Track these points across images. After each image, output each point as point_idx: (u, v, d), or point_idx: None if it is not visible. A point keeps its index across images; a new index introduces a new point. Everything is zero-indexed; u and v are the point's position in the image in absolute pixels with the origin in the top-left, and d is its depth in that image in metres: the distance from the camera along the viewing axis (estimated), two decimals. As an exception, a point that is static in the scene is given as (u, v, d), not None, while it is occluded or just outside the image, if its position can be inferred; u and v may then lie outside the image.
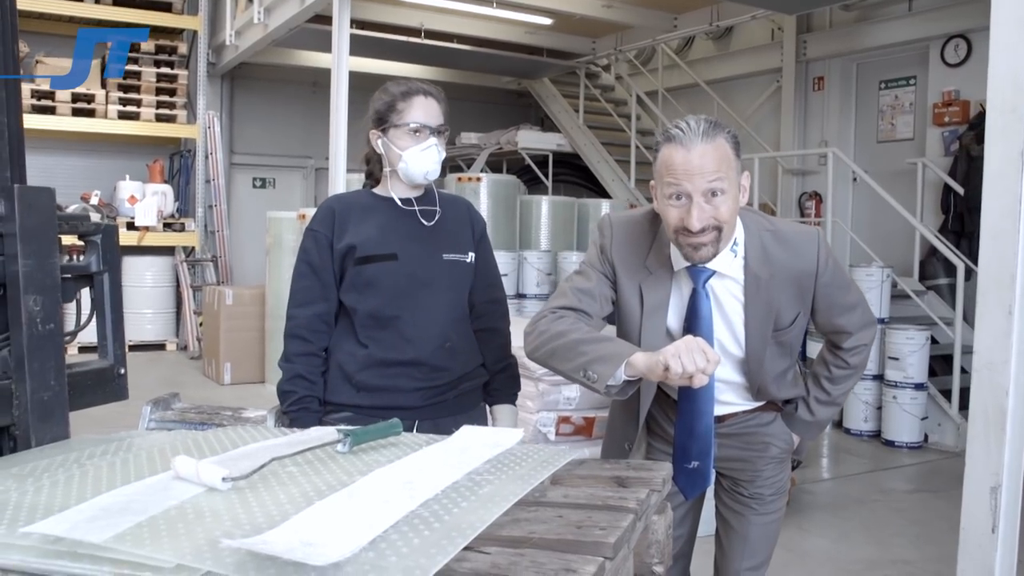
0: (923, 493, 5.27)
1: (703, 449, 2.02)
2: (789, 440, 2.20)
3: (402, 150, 2.23)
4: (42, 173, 10.61)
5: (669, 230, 1.87)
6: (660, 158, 1.86)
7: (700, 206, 1.80)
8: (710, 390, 1.95)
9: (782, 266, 1.95)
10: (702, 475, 2.05)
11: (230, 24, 9.99)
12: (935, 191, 8.12)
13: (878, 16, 8.77)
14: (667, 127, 1.87)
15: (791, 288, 1.97)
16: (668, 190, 1.83)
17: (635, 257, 2.00)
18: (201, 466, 1.39)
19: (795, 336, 2.04)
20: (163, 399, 2.44)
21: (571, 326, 1.94)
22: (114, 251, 2.16)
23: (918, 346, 6.34)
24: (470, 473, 1.46)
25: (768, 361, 2.01)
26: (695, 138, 1.80)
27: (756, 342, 1.98)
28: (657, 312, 1.98)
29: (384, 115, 2.25)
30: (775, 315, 1.96)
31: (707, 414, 2.00)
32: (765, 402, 2.15)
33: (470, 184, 8.28)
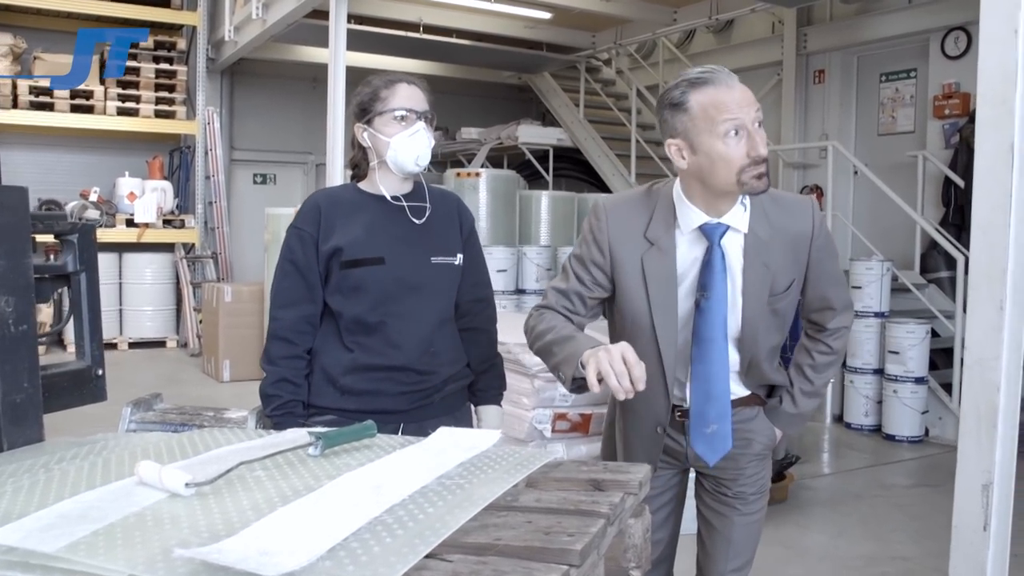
0: (923, 488, 5.23)
1: (721, 412, 1.99)
2: (771, 436, 2.16)
3: (389, 137, 2.18)
4: (41, 170, 10.62)
5: (732, 171, 1.84)
6: (701, 105, 1.84)
7: (759, 132, 1.83)
8: (722, 351, 1.94)
9: (780, 228, 1.97)
10: (722, 438, 2.00)
11: (229, 20, 9.96)
12: (936, 184, 8.07)
13: (878, 8, 8.72)
14: (690, 76, 1.86)
15: (787, 252, 1.98)
16: (725, 127, 1.81)
17: (634, 231, 1.99)
18: (164, 471, 1.36)
19: (788, 305, 2.03)
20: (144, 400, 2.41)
21: (548, 325, 1.98)
22: (91, 250, 2.14)
23: (918, 340, 6.31)
24: (441, 477, 1.43)
25: (763, 330, 2.00)
26: (730, 77, 1.85)
27: (753, 305, 1.97)
28: (666, 282, 1.96)
29: (368, 105, 2.20)
30: (772, 278, 1.96)
31: (723, 376, 1.97)
32: (750, 393, 2.12)
33: (469, 179, 8.26)
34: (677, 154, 1.90)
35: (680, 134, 1.88)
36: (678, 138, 1.88)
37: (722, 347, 1.94)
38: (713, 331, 1.94)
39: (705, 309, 1.92)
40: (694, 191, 1.94)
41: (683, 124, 1.86)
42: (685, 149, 1.88)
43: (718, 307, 1.93)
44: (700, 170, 1.88)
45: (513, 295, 7.73)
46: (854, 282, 6.72)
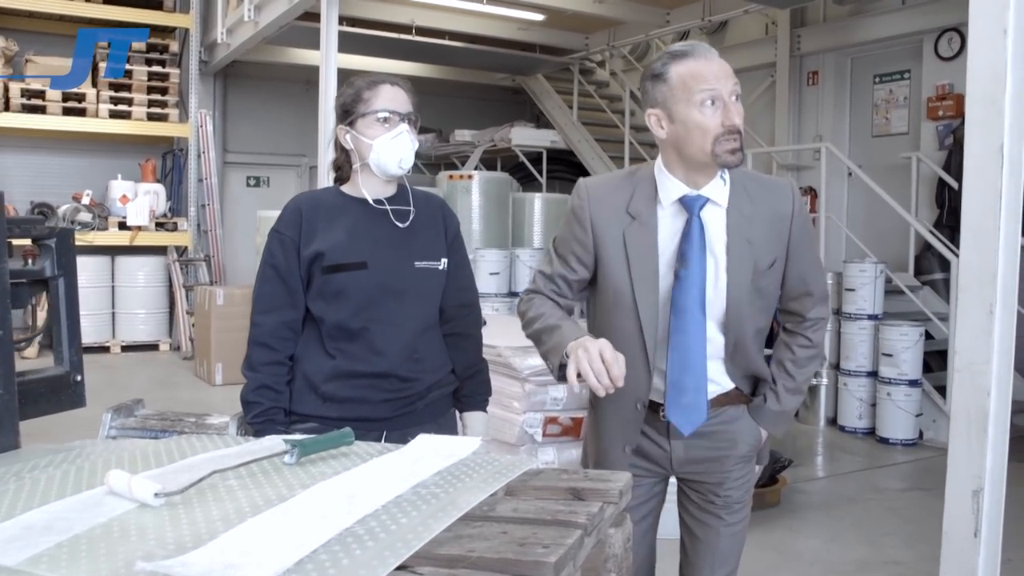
0: (917, 491, 5.21)
1: (697, 383, 1.98)
2: (756, 437, 2.13)
3: (372, 139, 2.15)
4: (33, 173, 10.59)
5: (707, 142, 1.88)
6: (680, 75, 1.88)
7: (736, 105, 1.88)
8: (699, 322, 1.95)
9: (761, 205, 2.01)
10: (698, 409, 1.99)
11: (221, 22, 9.92)
12: (930, 186, 8.06)
13: (872, 10, 8.71)
14: (672, 49, 1.93)
15: (770, 229, 2.00)
16: (702, 96, 1.86)
17: (615, 206, 2.01)
18: (134, 481, 1.34)
19: (772, 285, 2.04)
20: (126, 406, 2.38)
21: (537, 312, 2.04)
22: (70, 255, 2.11)
23: (912, 342, 6.29)
24: (417, 486, 1.40)
25: (747, 309, 2.00)
26: (708, 51, 1.91)
27: (737, 282, 1.98)
28: (647, 256, 1.98)
29: (350, 107, 2.17)
30: (755, 255, 1.98)
31: (700, 347, 1.97)
32: (734, 388, 2.09)
33: (462, 182, 8.25)
34: (656, 124, 1.95)
35: (659, 104, 1.93)
36: (657, 108, 1.94)
37: (699, 318, 1.95)
38: (690, 301, 1.95)
39: (683, 278, 1.94)
40: (673, 163, 1.98)
41: (662, 94, 1.91)
42: (663, 119, 1.93)
43: (695, 277, 1.94)
44: (677, 139, 1.92)
45: (506, 298, 7.71)
46: (848, 284, 6.70)
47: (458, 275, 2.31)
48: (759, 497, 4.68)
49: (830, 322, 6.78)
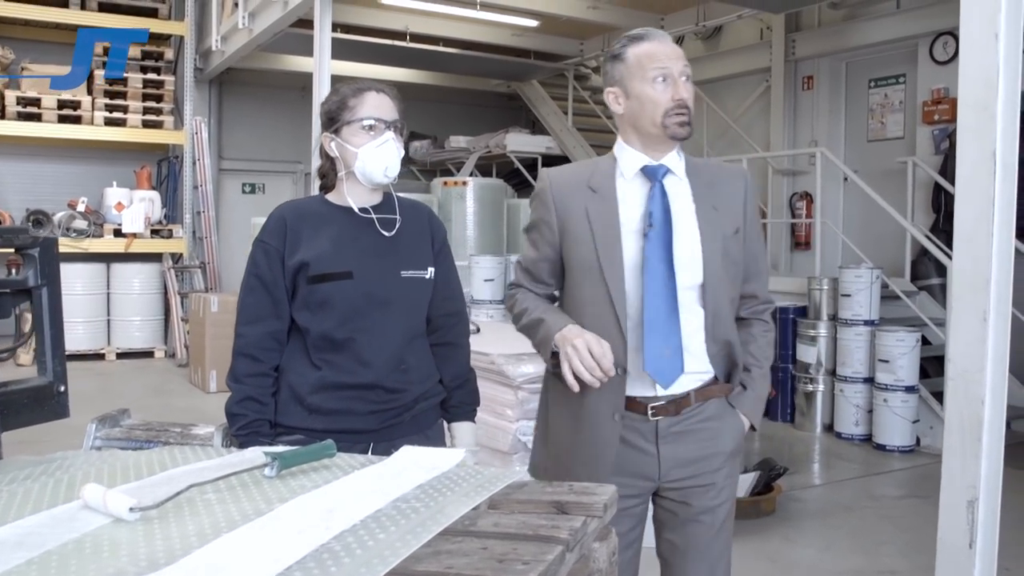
0: (914, 499, 5.18)
1: (671, 337, 2.03)
2: (739, 429, 2.17)
3: (357, 147, 2.13)
4: (29, 180, 10.57)
5: (658, 115, 2.03)
6: (636, 55, 2.05)
7: (685, 84, 2.04)
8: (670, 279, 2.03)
9: (717, 180, 2.16)
10: (674, 361, 2.04)
11: (216, 29, 9.91)
12: (926, 190, 8.05)
13: (866, 14, 8.71)
14: (631, 34, 2.09)
15: (729, 200, 2.14)
16: (654, 74, 2.02)
17: (576, 184, 2.13)
18: (109, 495, 1.31)
19: (738, 253, 2.13)
20: (111, 415, 2.35)
21: (522, 307, 2.16)
22: (53, 265, 2.09)
23: (908, 348, 6.26)
24: (397, 500, 1.38)
25: (721, 275, 2.08)
26: (662, 35, 2.09)
27: (711, 246, 2.07)
28: (610, 224, 2.07)
29: (335, 115, 2.15)
30: (721, 220, 2.10)
31: (672, 303, 2.03)
32: (712, 378, 2.13)
33: (457, 188, 8.24)
34: (614, 101, 2.10)
35: (617, 82, 2.09)
36: (615, 86, 2.09)
37: (668, 276, 2.03)
38: (658, 259, 2.03)
39: (651, 238, 2.03)
40: (630, 137, 2.12)
41: (620, 73, 2.07)
42: (620, 96, 2.09)
43: (662, 236, 2.04)
44: (632, 114, 2.08)
45: (501, 304, 7.68)
46: (843, 290, 6.68)
47: (445, 284, 2.29)
48: (754, 505, 4.67)
49: (826, 328, 6.86)
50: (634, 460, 2.10)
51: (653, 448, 2.09)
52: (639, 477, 2.11)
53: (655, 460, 2.09)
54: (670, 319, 2.02)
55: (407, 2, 9.40)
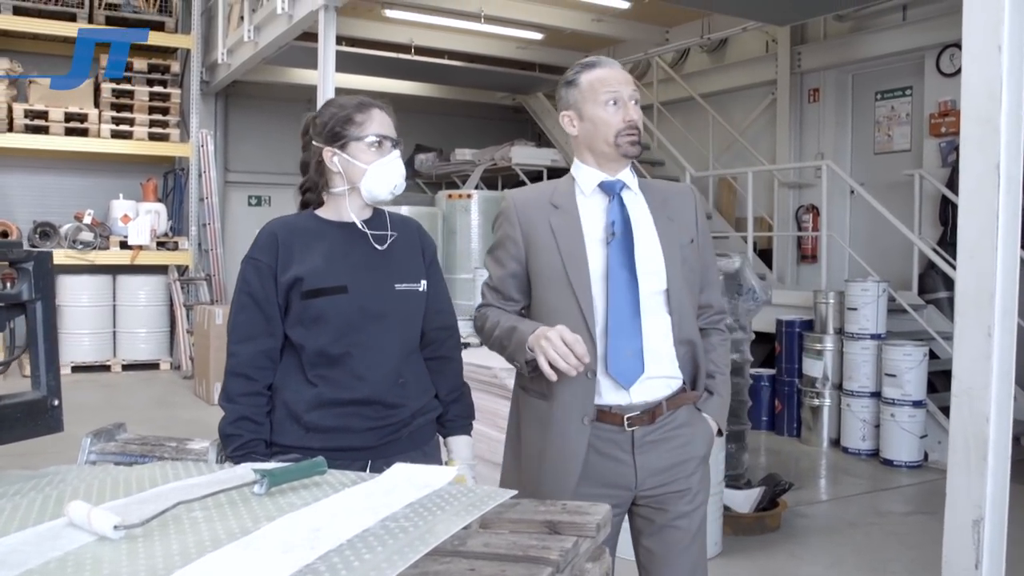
0: (921, 515, 5.12)
1: (633, 340, 2.10)
2: (709, 434, 2.24)
3: (366, 164, 2.11)
4: (36, 192, 10.60)
5: (611, 135, 2.15)
6: (589, 81, 2.17)
7: (634, 107, 2.17)
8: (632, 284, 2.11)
9: (669, 195, 2.28)
10: (638, 363, 2.11)
11: (222, 42, 9.94)
12: (933, 203, 8.01)
13: (872, 26, 8.68)
14: (584, 61, 2.22)
15: (681, 212, 2.26)
16: (606, 98, 2.15)
17: (539, 202, 2.22)
18: (93, 512, 1.30)
19: (696, 263, 2.24)
20: (106, 430, 2.34)
21: (492, 322, 2.19)
22: (48, 278, 2.07)
23: (916, 362, 6.21)
24: (386, 519, 1.36)
25: (683, 281, 2.19)
26: (613, 63, 2.22)
27: (671, 253, 2.18)
28: (574, 235, 2.16)
29: (340, 130, 2.13)
30: (678, 230, 2.22)
31: (634, 306, 2.11)
32: (680, 387, 2.20)
33: (461, 201, 8.23)
34: (568, 123, 2.22)
35: (572, 106, 2.20)
36: (570, 109, 2.21)
37: (631, 282, 2.11)
38: (620, 266, 2.11)
39: (614, 246, 2.12)
40: (586, 156, 2.23)
41: (574, 97, 2.19)
42: (575, 118, 2.20)
43: (624, 243, 2.12)
44: (587, 135, 2.19)
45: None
46: (850, 303, 6.63)
47: (436, 298, 2.28)
48: (759, 521, 4.63)
49: (832, 341, 6.82)
50: (611, 471, 2.14)
51: (629, 458, 2.14)
52: (617, 487, 2.15)
53: (631, 469, 2.14)
54: (632, 323, 2.11)
55: (411, 15, 9.42)
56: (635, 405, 2.13)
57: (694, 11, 9.27)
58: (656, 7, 8.99)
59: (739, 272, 5.26)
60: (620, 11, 9.45)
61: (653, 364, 2.13)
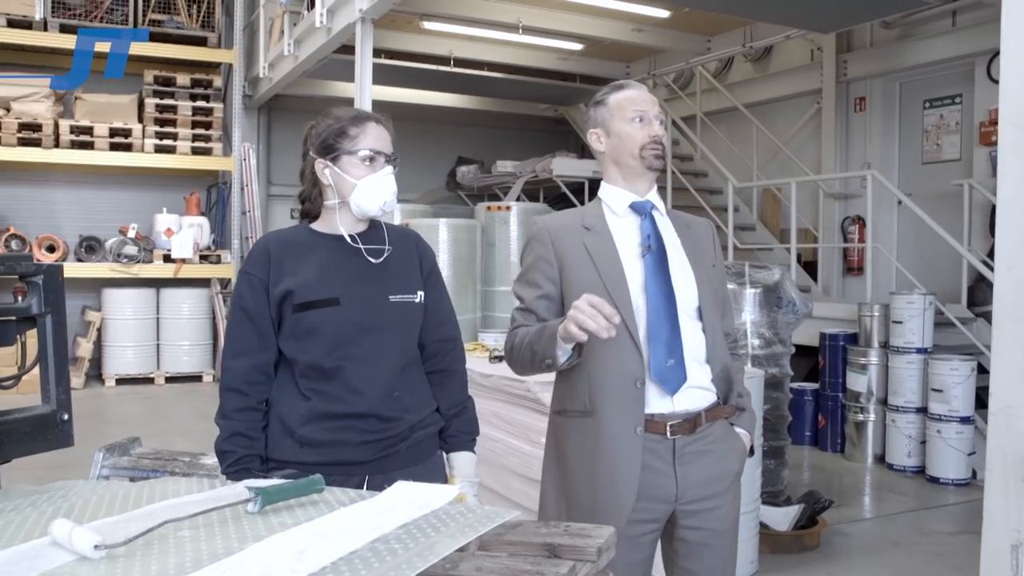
0: (967, 535, 4.95)
1: (674, 348, 2.13)
2: (742, 448, 2.27)
3: (357, 179, 2.08)
4: (81, 207, 10.76)
5: (635, 148, 2.22)
6: (616, 100, 2.27)
7: (659, 125, 2.25)
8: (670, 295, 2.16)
9: (690, 224, 2.36)
10: (681, 370, 2.14)
11: (263, 56, 10.03)
12: (983, 213, 7.79)
13: (921, 33, 8.50)
14: (613, 84, 2.34)
15: (703, 241, 2.34)
16: (632, 115, 2.23)
17: (570, 226, 2.27)
18: (75, 531, 1.26)
19: (720, 287, 2.34)
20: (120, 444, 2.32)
21: (521, 336, 2.19)
22: (58, 292, 2.06)
23: (963, 377, 6.03)
24: (376, 540, 1.31)
25: (713, 299, 2.25)
26: (640, 86, 2.33)
27: (701, 272, 2.25)
28: (610, 254, 2.20)
29: (333, 142, 2.09)
30: (704, 254, 2.30)
31: (674, 316, 2.15)
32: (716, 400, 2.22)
33: (500, 213, 8.17)
34: (596, 140, 2.30)
35: (600, 124, 2.29)
36: (598, 127, 2.29)
37: (669, 293, 2.16)
38: (658, 279, 2.16)
39: (650, 260, 2.18)
40: (613, 174, 2.29)
41: (602, 115, 2.28)
42: (603, 135, 2.28)
43: (659, 257, 2.18)
44: (613, 149, 2.26)
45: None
46: (895, 316, 6.46)
47: (437, 310, 2.23)
48: (797, 540, 4.51)
49: (877, 355, 6.65)
50: (653, 483, 2.12)
51: (670, 469, 2.13)
52: (658, 500, 2.14)
53: (672, 481, 2.14)
54: (673, 331, 2.14)
55: (450, 27, 9.42)
56: (677, 414, 2.14)
57: (736, 19, 9.17)
58: (697, 16, 8.90)
59: (779, 284, 5.15)
60: (660, 20, 9.35)
61: (692, 373, 2.16)
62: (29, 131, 9.74)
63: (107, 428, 7.20)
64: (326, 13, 7.47)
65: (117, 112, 10.20)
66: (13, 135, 9.67)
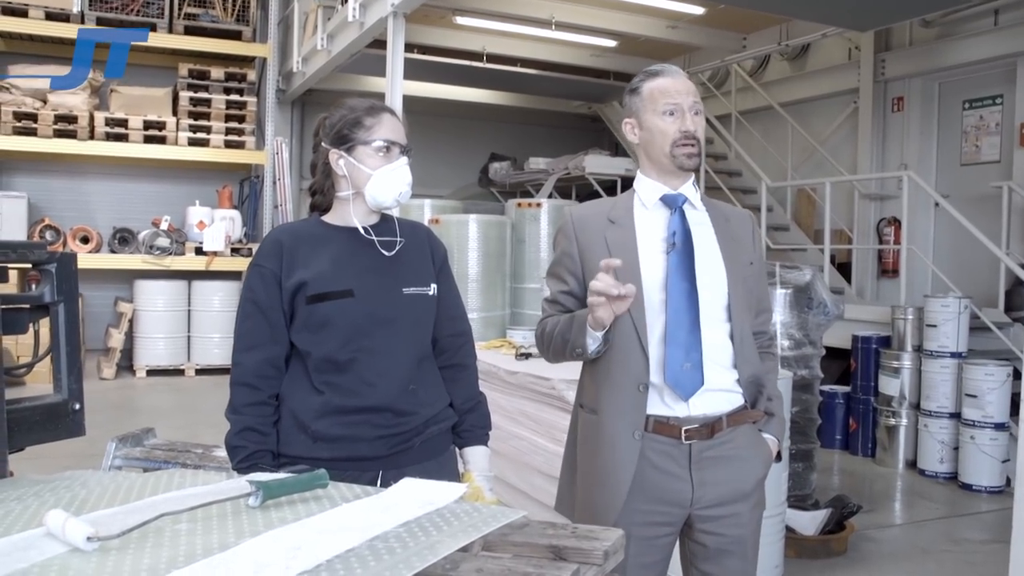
0: (999, 544, 4.82)
1: (692, 351, 2.07)
2: (768, 457, 2.21)
3: (373, 169, 2.05)
4: (116, 199, 10.86)
5: (667, 145, 2.12)
6: (650, 89, 2.15)
7: (692, 116, 2.12)
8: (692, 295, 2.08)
9: (730, 218, 2.26)
10: (698, 374, 2.07)
11: (297, 51, 10.04)
12: (1022, 217, 7.64)
13: (961, 32, 8.34)
14: (649, 70, 2.20)
15: (742, 235, 2.25)
16: (664, 108, 2.12)
17: (596, 217, 2.22)
18: (68, 523, 1.24)
19: (755, 285, 2.23)
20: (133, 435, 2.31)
21: (551, 328, 2.17)
22: (71, 281, 2.04)
23: (999, 383, 5.90)
24: (375, 538, 1.27)
25: (744, 299, 2.16)
26: (676, 71, 2.18)
27: (734, 269, 2.15)
28: (627, 248, 2.13)
29: (348, 132, 2.07)
30: (741, 251, 2.20)
31: (694, 317, 2.08)
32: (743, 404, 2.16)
33: (530, 210, 8.11)
34: (630, 131, 2.21)
35: (634, 114, 2.19)
36: (632, 117, 2.20)
37: (692, 293, 2.08)
38: (680, 277, 2.09)
39: (674, 256, 2.10)
40: (646, 166, 2.21)
41: (636, 105, 2.18)
42: (636, 126, 2.19)
43: (684, 255, 2.10)
44: (645, 143, 2.18)
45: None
46: (929, 320, 6.34)
47: (449, 304, 2.20)
48: (823, 545, 4.43)
49: (910, 359, 6.53)
50: (666, 486, 2.09)
51: (686, 473, 2.09)
52: (671, 504, 2.10)
53: (688, 485, 2.09)
54: (692, 333, 2.07)
55: (482, 22, 9.39)
56: (694, 418, 2.08)
57: (772, 17, 9.05)
58: (733, 13, 8.81)
59: (809, 285, 5.06)
60: (695, 17, 9.27)
61: (713, 376, 2.09)
62: (65, 123, 9.83)
63: (135, 419, 7.23)
64: (359, 7, 7.46)
65: (151, 105, 10.28)
66: (49, 127, 9.76)
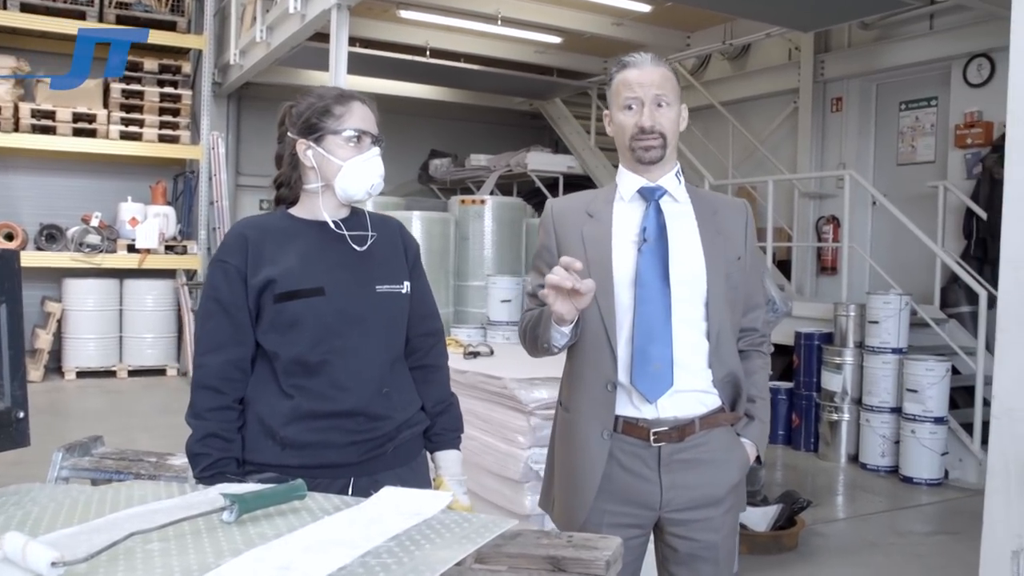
0: (942, 535, 4.93)
1: (663, 352, 2.02)
2: (744, 458, 2.14)
3: (343, 160, 1.96)
4: (42, 194, 10.48)
5: (625, 139, 2.09)
6: (617, 82, 2.11)
7: (650, 110, 2.05)
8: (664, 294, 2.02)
9: (721, 208, 2.19)
10: (664, 376, 2.02)
11: (234, 43, 9.81)
12: (957, 215, 7.81)
13: (898, 35, 8.49)
14: (621, 60, 2.14)
15: (732, 227, 2.16)
16: (623, 101, 2.08)
17: (576, 210, 2.18)
18: (30, 546, 1.14)
19: (739, 282, 2.12)
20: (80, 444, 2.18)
21: (527, 320, 2.14)
22: (13, 279, 1.91)
23: (938, 378, 6.02)
24: (367, 554, 1.20)
25: (724, 297, 2.08)
26: (644, 61, 2.10)
27: (715, 267, 2.08)
28: (601, 243, 2.09)
29: (317, 122, 1.97)
30: (726, 246, 2.12)
31: (665, 316, 2.02)
32: (719, 406, 2.10)
33: (474, 207, 8.06)
34: (608, 123, 2.18)
35: (609, 106, 2.17)
36: (608, 110, 2.18)
37: (663, 289, 2.03)
38: (652, 274, 2.03)
39: (645, 252, 2.03)
40: (622, 159, 2.17)
41: (608, 98, 2.16)
42: (610, 120, 2.17)
43: (657, 251, 2.04)
44: (615, 137, 2.16)
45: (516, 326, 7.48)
46: (871, 316, 6.44)
47: (421, 302, 2.13)
48: (775, 540, 4.45)
49: (852, 355, 6.63)
50: (634, 487, 2.05)
51: (655, 475, 2.04)
52: (640, 506, 2.06)
53: (657, 488, 2.05)
54: (662, 332, 2.01)
55: (427, 16, 9.28)
56: (663, 420, 2.03)
57: (716, 16, 9.11)
58: (678, 11, 8.84)
59: (758, 283, 5.08)
60: (641, 15, 9.29)
61: (684, 378, 2.03)
62: (-13, 114, 9.47)
63: (67, 424, 7.01)
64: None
65: (81, 97, 9.90)
66: (-30, 118, 9.39)
